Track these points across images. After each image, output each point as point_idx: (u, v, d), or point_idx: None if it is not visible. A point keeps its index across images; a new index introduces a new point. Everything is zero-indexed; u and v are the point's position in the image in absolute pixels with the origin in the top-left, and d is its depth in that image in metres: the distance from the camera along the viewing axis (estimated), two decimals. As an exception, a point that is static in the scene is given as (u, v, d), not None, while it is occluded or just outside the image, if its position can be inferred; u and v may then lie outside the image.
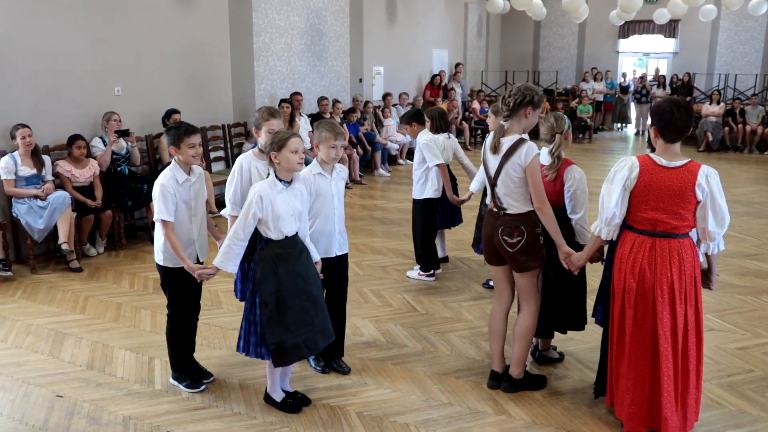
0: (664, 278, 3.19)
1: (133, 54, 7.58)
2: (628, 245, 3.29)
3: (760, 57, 18.44)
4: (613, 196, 3.24)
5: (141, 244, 7.06)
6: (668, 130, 3.17)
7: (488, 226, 3.76)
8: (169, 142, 3.69)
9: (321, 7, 11.19)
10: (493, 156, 3.65)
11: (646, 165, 3.19)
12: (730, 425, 3.59)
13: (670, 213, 3.15)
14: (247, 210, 3.41)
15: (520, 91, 3.60)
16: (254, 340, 3.54)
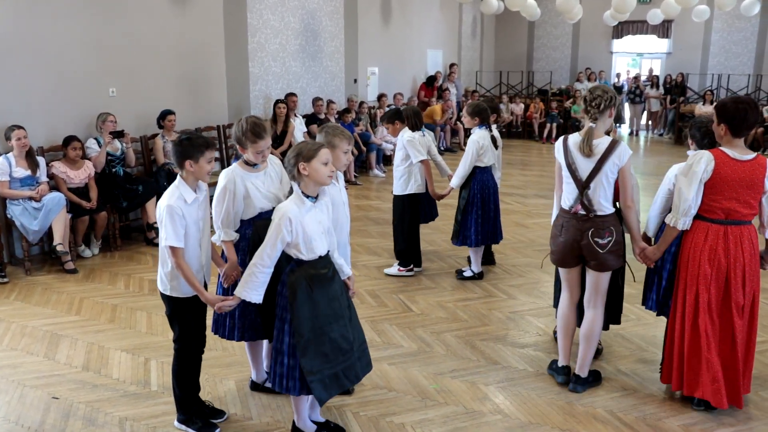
0: (738, 262, 3.49)
1: (128, 55, 7.58)
2: (702, 234, 3.53)
3: (753, 57, 18.53)
4: (691, 189, 3.45)
5: (136, 245, 7.05)
6: (743, 125, 3.43)
7: (573, 229, 3.72)
8: (184, 155, 3.20)
9: (316, 7, 11.20)
10: (586, 159, 3.62)
11: (720, 158, 3.43)
12: (723, 424, 3.61)
13: (742, 202, 3.44)
14: (275, 235, 3.07)
15: (605, 92, 3.64)
16: (280, 371, 3.20)
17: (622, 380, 4.09)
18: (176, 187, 3.23)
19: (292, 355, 3.15)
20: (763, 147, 14.28)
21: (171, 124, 7.61)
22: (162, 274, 3.32)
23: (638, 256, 3.80)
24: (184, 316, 3.40)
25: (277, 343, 3.21)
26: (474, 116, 5.75)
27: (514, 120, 16.79)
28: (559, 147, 3.77)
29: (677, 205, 3.53)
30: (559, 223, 3.84)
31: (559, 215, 3.85)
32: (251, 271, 3.13)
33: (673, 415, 3.69)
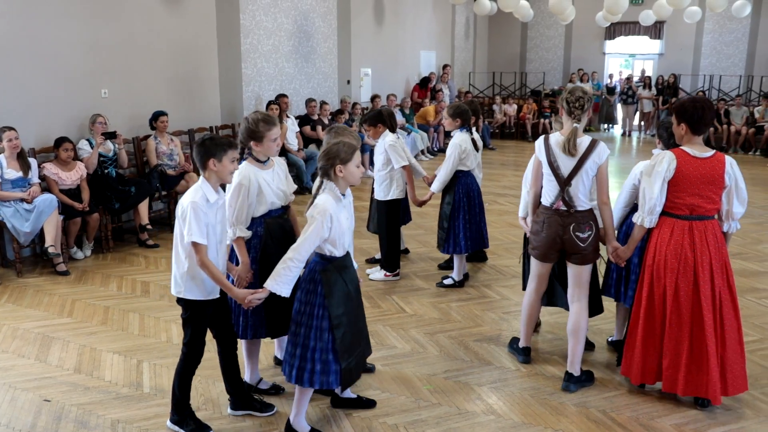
0: (704, 256, 3.61)
1: (120, 56, 7.55)
2: (668, 230, 3.66)
3: (744, 58, 18.63)
4: (655, 188, 3.60)
5: (128, 247, 7.03)
6: (700, 124, 3.61)
7: (555, 225, 3.85)
8: (207, 154, 3.20)
9: (308, 8, 11.19)
10: (568, 157, 3.76)
11: (682, 157, 3.59)
12: (715, 423, 3.63)
13: (704, 198, 3.59)
14: (315, 230, 3.14)
15: (585, 93, 3.80)
16: (320, 367, 3.26)
17: (614, 380, 4.10)
18: (199, 186, 3.23)
19: (332, 350, 3.25)
20: (754, 148, 14.37)
21: (163, 125, 7.58)
22: (177, 275, 3.27)
23: (611, 255, 3.93)
24: (200, 319, 3.37)
25: (309, 341, 3.26)
26: (455, 118, 5.61)
27: (507, 121, 16.82)
28: (541, 146, 3.89)
29: (643, 205, 3.68)
30: (540, 219, 3.95)
31: (540, 212, 3.97)
32: (286, 265, 3.16)
33: (665, 415, 3.70)
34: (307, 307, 3.26)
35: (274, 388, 3.94)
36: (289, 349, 3.33)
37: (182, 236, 3.19)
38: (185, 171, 7.66)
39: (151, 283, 5.92)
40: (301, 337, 3.27)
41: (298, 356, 3.28)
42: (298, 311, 3.31)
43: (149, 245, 7.01)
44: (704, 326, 3.61)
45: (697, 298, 3.62)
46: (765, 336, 4.79)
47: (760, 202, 9.44)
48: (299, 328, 3.28)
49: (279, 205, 3.66)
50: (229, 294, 3.30)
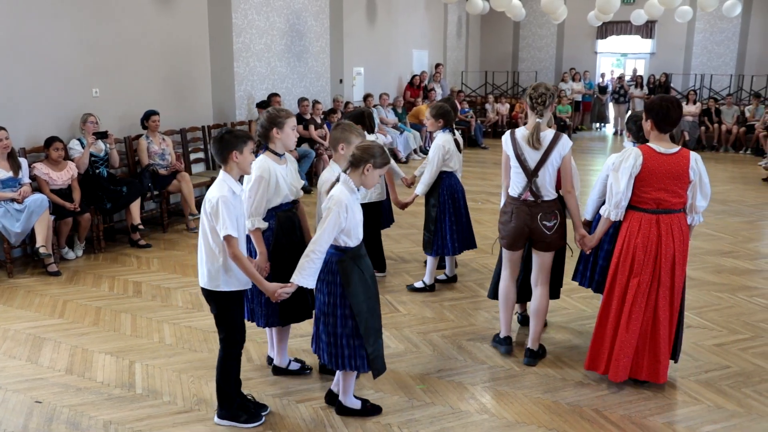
0: (668, 248, 3.77)
1: (111, 55, 7.51)
2: (636, 223, 3.82)
3: (735, 58, 18.73)
4: (621, 183, 3.75)
5: (120, 247, 6.99)
6: (664, 122, 3.74)
7: (523, 214, 4.06)
8: (229, 147, 3.27)
9: (301, 7, 11.17)
10: (533, 150, 3.95)
11: (648, 153, 3.74)
12: (707, 421, 3.64)
13: (670, 192, 3.74)
14: (333, 221, 3.28)
15: (547, 90, 3.98)
16: (348, 352, 3.44)
17: (606, 378, 4.11)
18: (222, 180, 3.29)
19: (356, 336, 3.41)
20: (745, 146, 14.44)
21: (155, 124, 7.55)
22: (211, 270, 3.33)
23: (578, 243, 4.15)
24: (234, 310, 3.45)
25: (334, 328, 3.42)
26: (438, 118, 5.49)
27: (499, 120, 16.84)
28: (507, 140, 4.10)
29: (610, 198, 3.85)
30: (508, 209, 4.15)
31: (508, 202, 4.17)
32: (309, 258, 3.31)
33: (658, 413, 3.71)
34: (330, 297, 3.42)
35: (303, 368, 4.14)
36: (323, 337, 3.49)
37: (212, 232, 3.26)
38: (177, 171, 7.62)
39: (143, 283, 5.89)
40: (330, 326, 3.44)
41: (331, 343, 3.46)
42: (322, 302, 3.47)
43: (141, 245, 6.98)
44: (659, 315, 3.84)
45: (656, 288, 3.82)
46: (756, 334, 4.81)
47: (751, 200, 9.50)
48: (327, 317, 3.45)
49: (291, 198, 3.84)
50: (259, 287, 3.39)
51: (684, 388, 4.00)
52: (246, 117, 9.88)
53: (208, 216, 3.25)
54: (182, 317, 5.11)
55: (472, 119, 15.39)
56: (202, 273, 3.38)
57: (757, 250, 7.02)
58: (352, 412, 3.65)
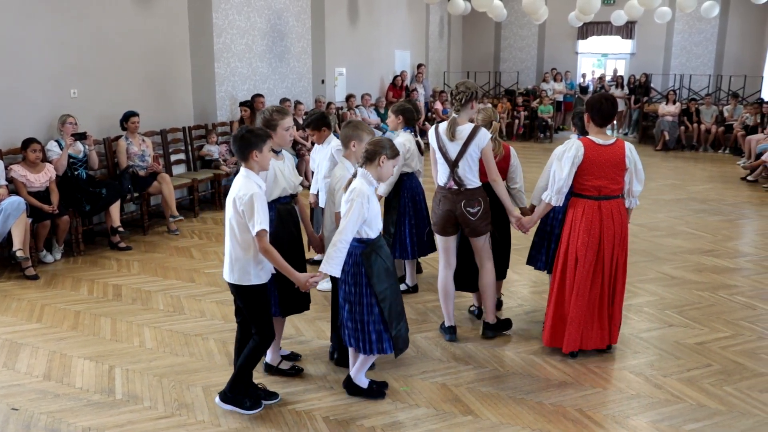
0: (609, 231, 4.16)
1: (90, 55, 7.40)
2: (580, 209, 4.18)
3: (713, 58, 18.96)
4: (564, 171, 4.10)
5: (100, 250, 6.90)
6: (600, 116, 4.14)
7: (447, 202, 4.37)
8: (249, 146, 3.43)
9: (282, 8, 11.11)
10: (452, 143, 4.27)
11: (588, 145, 4.11)
12: (689, 419, 3.66)
13: (610, 179, 4.12)
14: (357, 211, 3.48)
15: (467, 88, 4.27)
16: (375, 337, 3.64)
17: (590, 378, 4.12)
18: (246, 177, 3.45)
19: (382, 321, 3.62)
20: (723, 146, 14.60)
21: (135, 125, 7.46)
22: (243, 264, 3.47)
23: (515, 224, 4.54)
24: (267, 303, 3.63)
25: (360, 315, 3.62)
26: (398, 114, 5.41)
27: (481, 120, 16.85)
28: (432, 134, 4.42)
29: (552, 185, 4.20)
30: (437, 198, 4.47)
31: (437, 191, 4.48)
32: (336, 247, 3.49)
33: (641, 412, 3.73)
34: (355, 287, 3.61)
35: (294, 369, 4.18)
36: (349, 324, 3.68)
37: (241, 227, 3.42)
38: (157, 172, 7.54)
39: (124, 286, 5.81)
40: (357, 314, 3.63)
41: (358, 329, 3.65)
42: (347, 292, 3.65)
43: (121, 248, 6.89)
44: (603, 290, 4.25)
45: (600, 267, 4.20)
46: (737, 332, 4.85)
47: (730, 199, 9.60)
48: (353, 306, 3.64)
49: (288, 192, 3.96)
50: (290, 277, 3.53)
51: (667, 387, 4.02)
52: (228, 118, 9.80)
53: (239, 212, 3.38)
54: (163, 320, 5.05)
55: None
56: (231, 269, 3.51)
57: (737, 249, 7.09)
58: (359, 390, 3.84)
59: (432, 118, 15.40)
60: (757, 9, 17.07)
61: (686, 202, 9.29)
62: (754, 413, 3.73)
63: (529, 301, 5.41)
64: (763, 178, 10.81)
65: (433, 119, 15.33)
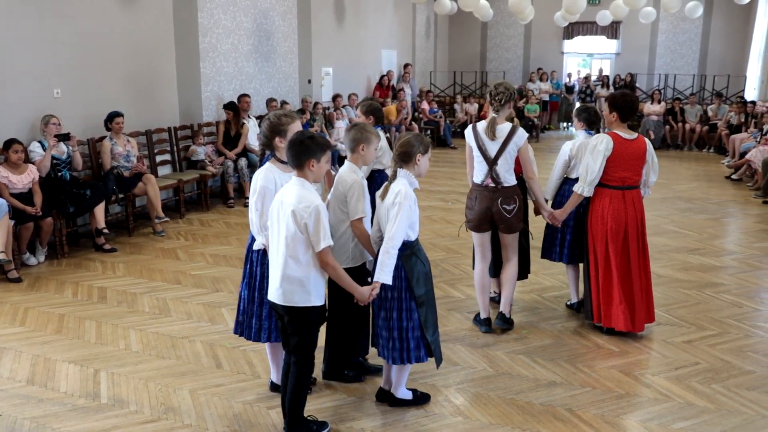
0: (633, 218, 4.55)
1: (73, 54, 7.31)
2: (607, 198, 4.55)
3: (697, 58, 19.11)
4: (597, 164, 4.46)
5: (84, 252, 6.81)
6: (629, 111, 4.54)
7: (485, 200, 4.50)
8: (308, 153, 3.14)
9: (268, 7, 11.05)
10: (491, 142, 4.42)
11: (616, 139, 4.48)
12: (678, 418, 3.67)
13: (633, 171, 4.53)
14: (406, 215, 3.34)
15: (506, 89, 4.44)
16: (413, 344, 3.50)
17: (579, 377, 4.12)
18: (302, 187, 3.15)
19: (420, 327, 3.49)
20: (708, 145, 14.72)
21: (119, 126, 7.38)
22: (306, 284, 3.17)
23: (548, 219, 4.80)
24: (319, 324, 3.35)
25: (399, 322, 3.46)
26: (368, 115, 5.36)
27: (468, 120, 16.89)
28: (470, 133, 4.54)
29: (584, 177, 4.54)
30: (473, 195, 4.59)
31: (472, 189, 4.61)
32: (390, 254, 3.32)
33: (631, 411, 3.73)
34: (394, 291, 3.44)
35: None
36: (384, 334, 3.52)
37: (297, 242, 3.11)
38: (141, 173, 7.47)
39: (109, 288, 5.74)
40: (395, 321, 3.47)
41: (395, 338, 3.49)
42: (385, 298, 3.47)
43: (106, 250, 6.82)
44: (632, 275, 4.58)
45: (626, 253, 4.56)
46: (724, 330, 4.88)
47: (715, 198, 9.67)
48: (390, 312, 3.48)
49: None
50: (354, 292, 3.34)
51: (655, 386, 4.02)
52: (213, 118, 9.74)
53: (300, 227, 3.08)
54: (149, 323, 4.99)
55: (440, 119, 15.42)
56: (289, 291, 3.16)
57: (722, 247, 7.14)
58: (405, 402, 3.74)
59: (419, 118, 15.40)
60: (740, 9, 17.23)
61: (672, 201, 9.35)
62: (741, 411, 3.74)
63: (517, 301, 5.40)
64: (747, 177, 10.90)
65: (419, 119, 15.33)
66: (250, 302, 3.68)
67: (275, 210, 3.21)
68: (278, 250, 3.18)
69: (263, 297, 3.58)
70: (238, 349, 4.51)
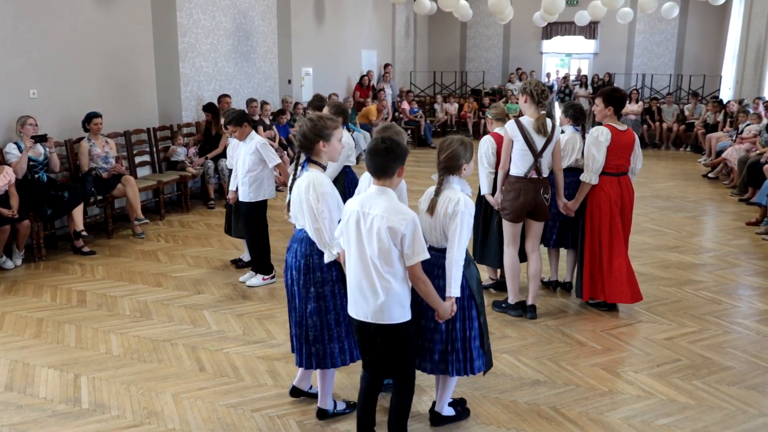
0: (627, 200, 5.07)
1: (50, 54, 7.20)
2: (607, 184, 4.97)
3: (674, 58, 19.36)
4: (600, 153, 4.88)
5: (62, 255, 6.71)
6: (621, 105, 5.02)
7: (530, 191, 4.77)
8: (398, 162, 2.99)
9: (247, 7, 10.98)
10: (539, 136, 4.72)
11: (613, 130, 4.90)
12: (660, 414, 3.71)
13: (625, 159, 5.00)
14: (469, 225, 3.15)
15: (546, 85, 5.09)
16: (475, 354, 3.37)
17: (563, 375, 4.15)
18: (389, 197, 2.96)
19: (478, 336, 3.38)
20: (685, 144, 14.91)
21: (97, 127, 7.28)
22: (400, 300, 3.00)
23: (562, 209, 5.13)
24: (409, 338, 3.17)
25: (465, 332, 3.33)
26: (338, 116, 5.28)
27: (448, 119, 16.95)
28: (514, 128, 4.76)
29: (590, 166, 4.93)
30: (515, 187, 4.81)
31: (512, 182, 4.83)
32: (459, 266, 3.13)
33: (614, 408, 3.76)
34: (458, 301, 3.23)
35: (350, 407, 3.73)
36: (440, 347, 3.32)
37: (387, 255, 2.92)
38: (120, 174, 7.38)
39: (88, 292, 5.66)
40: (457, 332, 3.32)
41: (459, 349, 3.33)
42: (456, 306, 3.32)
43: (85, 252, 6.72)
44: (624, 251, 5.04)
45: (618, 233, 5.01)
46: (703, 327, 4.94)
47: (693, 196, 9.79)
48: (452, 323, 3.29)
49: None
50: (438, 308, 3.11)
51: (638, 383, 4.06)
52: (193, 119, 9.65)
53: (396, 241, 2.90)
54: (130, 326, 4.93)
55: (421, 119, 15.44)
56: (386, 309, 2.97)
57: (701, 245, 7.23)
58: (448, 419, 3.59)
59: (399, 118, 15.41)
60: (715, 10, 17.49)
61: (651, 200, 9.45)
62: (722, 406, 3.79)
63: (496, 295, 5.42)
64: (723, 176, 11.05)
65: (400, 119, 15.33)
66: (324, 327, 3.43)
67: (352, 222, 3.00)
68: (362, 265, 2.99)
69: (338, 316, 3.42)
70: (220, 351, 4.48)
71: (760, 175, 8.70)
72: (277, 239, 6.67)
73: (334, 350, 3.45)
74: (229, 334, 4.79)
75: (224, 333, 4.80)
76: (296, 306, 3.48)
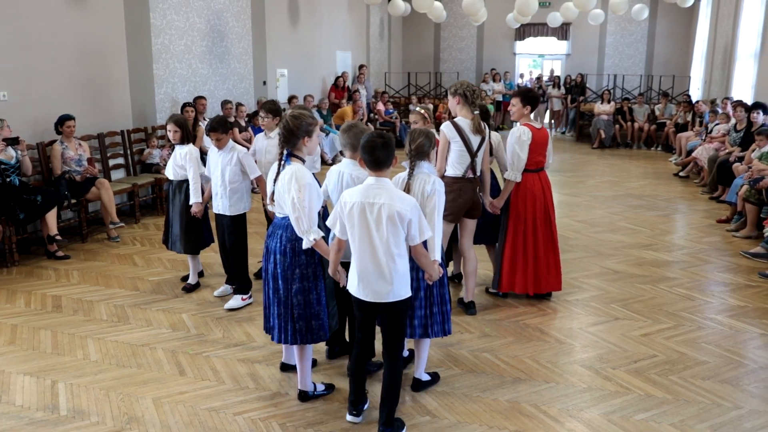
0: (548, 195, 5.29)
1: (20, 56, 7.07)
2: (530, 181, 5.19)
3: (644, 59, 19.67)
4: (524, 152, 5.07)
5: (36, 260, 6.60)
6: (536, 105, 5.27)
7: (469, 190, 4.88)
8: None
9: (222, 8, 10.91)
10: (475, 136, 4.82)
11: (532, 129, 5.11)
12: (639, 409, 3.77)
13: (542, 155, 5.24)
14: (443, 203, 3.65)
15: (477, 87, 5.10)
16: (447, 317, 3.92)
17: (543, 373, 4.20)
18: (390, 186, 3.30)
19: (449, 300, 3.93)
20: (656, 143, 15.16)
21: (70, 129, 7.17)
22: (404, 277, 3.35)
23: (488, 207, 5.20)
24: None
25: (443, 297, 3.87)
26: (274, 116, 5.64)
27: (424, 120, 16.98)
28: (450, 129, 4.84)
29: (514, 165, 5.11)
30: (454, 188, 4.78)
31: (452, 183, 4.80)
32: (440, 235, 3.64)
33: (593, 404, 3.82)
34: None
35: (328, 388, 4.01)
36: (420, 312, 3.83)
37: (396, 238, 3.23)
38: (94, 176, 7.28)
39: (63, 296, 5.58)
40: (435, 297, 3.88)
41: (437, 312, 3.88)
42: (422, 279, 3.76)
43: (59, 257, 6.62)
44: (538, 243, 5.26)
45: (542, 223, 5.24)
46: (678, 323, 5.03)
47: (664, 195, 9.96)
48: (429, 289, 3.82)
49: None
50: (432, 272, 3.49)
51: (616, 379, 4.13)
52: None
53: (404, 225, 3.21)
54: (107, 331, 4.87)
55: (396, 120, 15.47)
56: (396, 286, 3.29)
57: (673, 242, 7.36)
58: (426, 384, 4.00)
59: (374, 119, 15.42)
60: (684, 12, 17.83)
61: (624, 198, 9.59)
62: (698, 400, 3.87)
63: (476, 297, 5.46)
64: (693, 174, 11.26)
65: (375, 120, 15.35)
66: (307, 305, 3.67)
67: (356, 212, 3.24)
68: (370, 251, 3.25)
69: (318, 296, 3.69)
70: (200, 355, 4.45)
71: (730, 174, 8.88)
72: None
73: (315, 326, 3.71)
74: (209, 337, 4.76)
75: (204, 336, 4.77)
76: (280, 287, 3.67)
